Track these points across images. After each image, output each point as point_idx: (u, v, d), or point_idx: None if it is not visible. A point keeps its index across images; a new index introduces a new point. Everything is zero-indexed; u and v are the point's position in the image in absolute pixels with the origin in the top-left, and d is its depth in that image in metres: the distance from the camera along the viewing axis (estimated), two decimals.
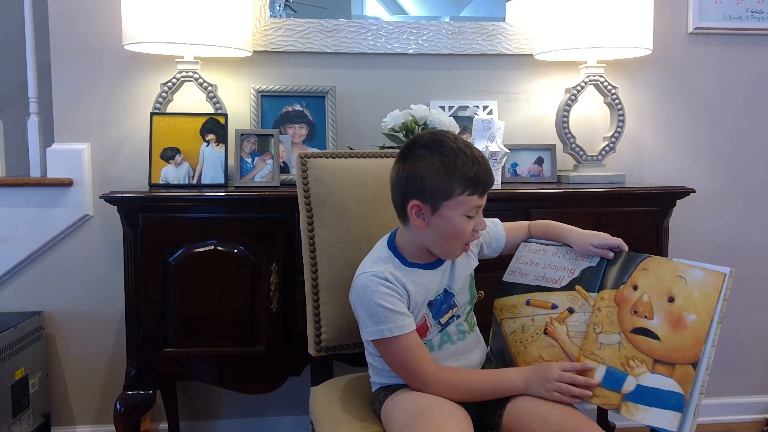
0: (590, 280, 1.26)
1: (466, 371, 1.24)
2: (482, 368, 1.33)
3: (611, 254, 1.25)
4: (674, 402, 1.06)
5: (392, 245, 1.27)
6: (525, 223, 1.43)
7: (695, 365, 1.06)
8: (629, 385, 1.11)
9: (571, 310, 1.24)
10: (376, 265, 1.23)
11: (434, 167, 1.17)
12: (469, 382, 1.21)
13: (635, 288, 1.19)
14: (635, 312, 1.16)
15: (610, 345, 1.16)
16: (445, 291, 1.27)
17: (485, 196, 1.21)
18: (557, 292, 1.28)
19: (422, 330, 1.24)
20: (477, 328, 1.35)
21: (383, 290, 1.18)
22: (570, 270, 1.29)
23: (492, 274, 1.41)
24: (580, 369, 1.17)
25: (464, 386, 1.20)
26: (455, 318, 1.28)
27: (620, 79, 2.15)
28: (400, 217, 1.26)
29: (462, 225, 1.19)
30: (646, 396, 1.08)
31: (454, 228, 1.19)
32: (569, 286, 1.27)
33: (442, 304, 1.26)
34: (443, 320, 1.26)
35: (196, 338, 1.68)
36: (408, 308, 1.21)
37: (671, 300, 1.13)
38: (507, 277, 1.38)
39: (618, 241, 1.26)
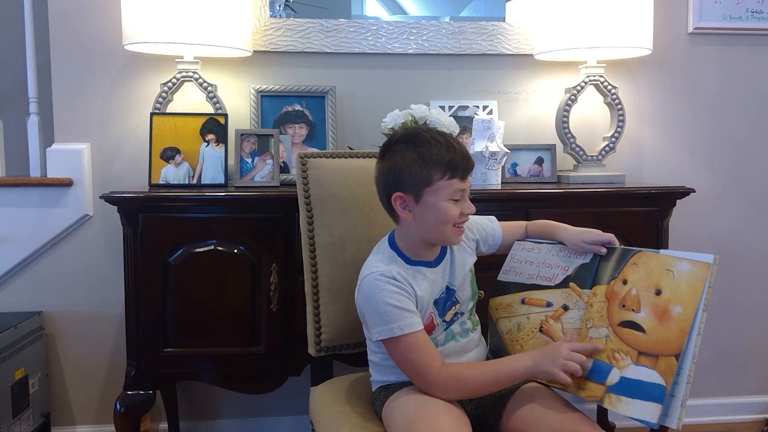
0: (584, 276, 1.26)
1: (471, 365, 1.24)
2: None
3: (604, 250, 1.26)
4: (656, 394, 1.06)
5: (393, 246, 1.28)
6: (523, 223, 1.44)
7: (678, 357, 1.06)
8: (613, 377, 1.12)
9: (565, 308, 1.25)
10: (383, 264, 1.23)
11: (410, 158, 1.19)
12: (477, 374, 1.19)
13: (625, 282, 1.20)
14: (623, 306, 1.17)
15: (598, 339, 1.17)
16: (447, 288, 1.28)
17: (467, 180, 1.22)
18: (552, 290, 1.29)
19: (429, 328, 1.25)
20: (479, 329, 1.36)
21: (392, 289, 1.19)
22: (564, 268, 1.30)
23: (491, 274, 1.41)
24: (591, 350, 1.16)
25: (472, 379, 1.18)
26: (459, 315, 1.29)
27: (620, 79, 2.15)
28: (390, 215, 1.27)
29: (447, 209, 1.20)
30: (629, 388, 1.09)
31: (441, 214, 1.20)
32: (563, 284, 1.28)
33: (445, 301, 1.28)
34: (447, 318, 1.28)
35: (196, 338, 1.68)
36: (416, 308, 1.21)
37: (658, 293, 1.14)
38: (502, 277, 1.38)
39: (609, 237, 1.27)
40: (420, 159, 1.19)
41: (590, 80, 2.00)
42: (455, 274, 1.30)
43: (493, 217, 1.43)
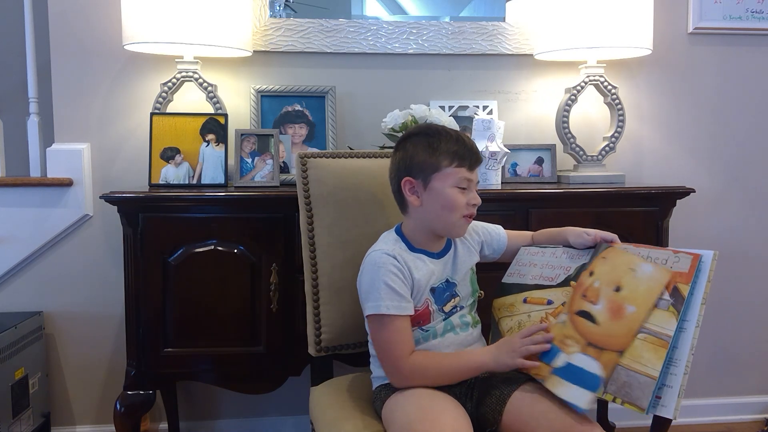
0: None
1: (438, 355, 1.26)
2: None
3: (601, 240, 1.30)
4: (591, 383, 1.11)
5: (399, 233, 1.32)
6: (529, 233, 1.47)
7: (621, 353, 1.10)
8: (560, 360, 1.16)
9: (565, 305, 1.27)
10: (386, 245, 1.28)
11: (421, 146, 1.27)
12: (440, 364, 1.23)
13: (591, 274, 1.24)
14: (584, 296, 1.21)
15: (557, 324, 1.22)
16: (447, 281, 1.31)
17: (475, 173, 1.28)
18: (553, 289, 1.31)
19: (426, 315, 1.27)
20: (480, 327, 1.37)
21: (391, 269, 1.23)
22: (566, 268, 1.32)
23: (492, 274, 1.42)
24: (536, 330, 1.22)
25: (435, 369, 1.22)
26: (458, 308, 1.32)
27: (620, 79, 2.15)
28: (400, 206, 1.32)
29: (454, 196, 1.25)
30: (571, 373, 1.14)
31: (447, 200, 1.25)
32: (564, 283, 1.30)
33: (444, 292, 1.30)
34: (447, 309, 1.30)
35: (196, 338, 1.68)
36: (411, 292, 1.25)
37: (618, 289, 1.18)
38: (506, 279, 1.41)
39: (612, 236, 1.30)
40: (430, 147, 1.26)
41: (590, 80, 2.00)
42: (457, 269, 1.33)
43: (499, 227, 1.47)
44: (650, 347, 1.09)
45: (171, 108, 1.92)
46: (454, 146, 1.25)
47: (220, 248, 1.67)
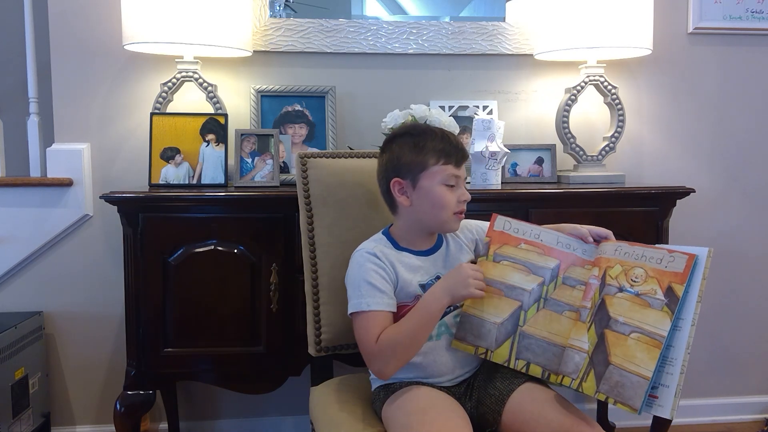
0: None
1: (393, 326, 1.23)
2: (479, 366, 1.35)
3: (590, 239, 1.28)
4: None
5: (386, 233, 1.34)
6: None
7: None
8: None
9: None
10: (369, 243, 1.31)
11: (407, 146, 1.28)
12: (399, 330, 1.20)
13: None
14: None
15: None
16: (438, 278, 1.30)
17: (462, 169, 1.29)
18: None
19: None
20: None
21: (371, 267, 1.25)
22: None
23: None
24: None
25: (397, 336, 1.19)
26: (452, 308, 1.30)
27: (620, 79, 2.15)
28: (389, 207, 1.33)
29: (443, 193, 1.26)
30: None
31: (436, 197, 1.26)
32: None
33: None
34: None
35: (196, 338, 1.68)
36: (396, 287, 1.26)
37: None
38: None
39: (607, 232, 1.29)
40: (416, 146, 1.27)
41: (590, 80, 2.00)
42: (449, 267, 1.32)
43: None
44: (643, 347, 1.09)
45: (171, 108, 1.92)
46: (439, 144, 1.27)
47: (220, 248, 1.67)
